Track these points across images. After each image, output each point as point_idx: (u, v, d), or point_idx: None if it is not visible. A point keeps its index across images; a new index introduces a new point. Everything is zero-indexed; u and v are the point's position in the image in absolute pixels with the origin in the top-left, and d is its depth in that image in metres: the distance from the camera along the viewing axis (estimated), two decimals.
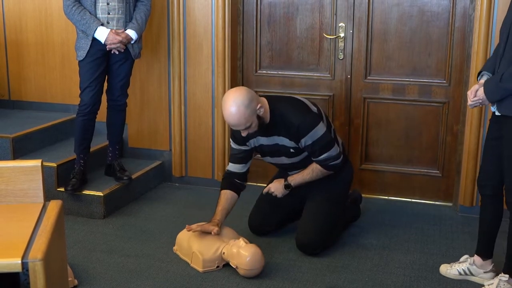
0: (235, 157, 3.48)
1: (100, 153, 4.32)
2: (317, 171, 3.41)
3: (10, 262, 1.59)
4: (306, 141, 3.27)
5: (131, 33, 3.80)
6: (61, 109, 4.71)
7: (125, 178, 4.05)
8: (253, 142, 3.41)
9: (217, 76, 4.31)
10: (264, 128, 3.27)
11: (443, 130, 4.17)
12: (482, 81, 2.94)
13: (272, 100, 3.34)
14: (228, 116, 3.13)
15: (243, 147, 3.44)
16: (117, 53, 3.81)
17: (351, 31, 4.19)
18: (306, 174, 3.43)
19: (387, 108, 4.25)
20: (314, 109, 3.37)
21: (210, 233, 3.25)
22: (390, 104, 4.24)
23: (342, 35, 4.20)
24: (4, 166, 1.96)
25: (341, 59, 4.25)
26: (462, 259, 3.21)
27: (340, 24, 4.20)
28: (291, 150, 3.37)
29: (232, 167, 3.50)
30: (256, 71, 4.46)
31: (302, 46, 4.33)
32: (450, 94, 4.11)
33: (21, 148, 4.12)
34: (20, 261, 1.58)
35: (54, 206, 1.94)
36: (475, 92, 2.90)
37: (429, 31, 4.07)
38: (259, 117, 3.17)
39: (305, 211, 3.55)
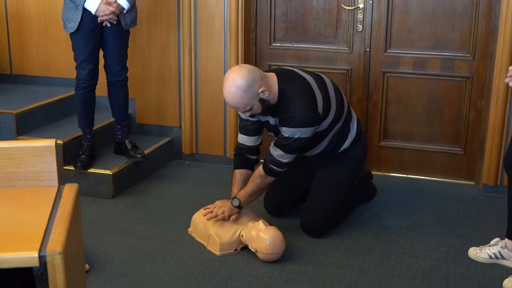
0: (246, 129, 3.23)
1: (105, 130, 4.16)
2: (257, 179, 3.13)
3: (25, 256, 1.41)
4: (285, 131, 3.01)
5: (123, 2, 3.55)
6: (65, 83, 4.49)
7: (138, 156, 3.86)
8: (261, 117, 3.18)
9: (230, 49, 4.11)
10: (270, 109, 3.04)
11: (466, 106, 3.99)
12: None
13: (284, 79, 3.05)
14: (226, 97, 2.93)
15: (252, 118, 3.19)
16: (109, 25, 3.58)
17: (370, 2, 3.98)
18: (249, 187, 3.15)
19: (408, 83, 4.06)
20: (321, 109, 3.05)
21: (228, 219, 3.10)
22: (410, 79, 4.05)
23: (361, 6, 4.00)
24: (14, 147, 1.77)
25: (360, 32, 4.05)
26: (492, 242, 3.06)
27: None
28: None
29: (243, 139, 3.25)
30: (270, 44, 4.26)
31: (319, 17, 4.12)
32: (474, 68, 3.92)
33: (24, 125, 3.94)
34: (37, 255, 1.41)
35: (70, 190, 1.76)
36: None
37: (453, 2, 3.86)
38: (262, 100, 2.93)
39: (312, 190, 3.37)
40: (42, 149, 1.78)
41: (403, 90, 4.08)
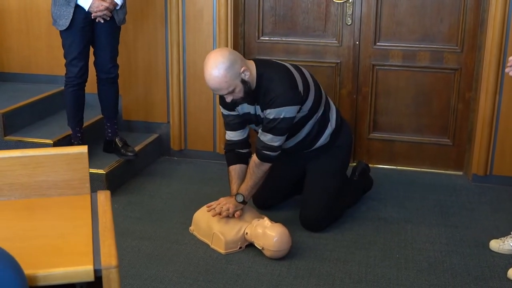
0: (230, 124, 3.22)
1: (93, 128, 4.08)
2: (253, 170, 3.10)
3: (80, 270, 1.37)
4: (270, 113, 2.98)
5: None
6: (48, 80, 4.40)
7: (130, 154, 3.79)
8: (240, 109, 3.16)
9: (219, 43, 4.06)
10: (251, 95, 3.02)
11: (455, 98, 4.04)
12: None
13: (261, 64, 3.07)
14: (209, 80, 2.89)
15: (233, 113, 3.18)
16: (102, 21, 3.50)
17: None
18: (248, 180, 3.13)
19: (397, 75, 4.09)
20: (301, 89, 3.05)
21: (233, 215, 3.08)
22: (400, 71, 4.08)
23: None
24: (44, 154, 1.72)
25: (349, 25, 4.05)
26: None
27: None
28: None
29: (230, 135, 3.24)
30: (258, 38, 4.22)
31: (308, 11, 4.11)
32: (462, 60, 3.97)
33: (12, 125, 3.82)
34: (92, 269, 1.37)
35: (105, 198, 1.73)
36: None
37: None
38: (244, 82, 2.92)
39: (306, 185, 3.37)
40: (73, 156, 1.74)
41: (392, 82, 4.11)
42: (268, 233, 2.96)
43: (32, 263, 1.37)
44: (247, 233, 3.05)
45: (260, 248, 2.98)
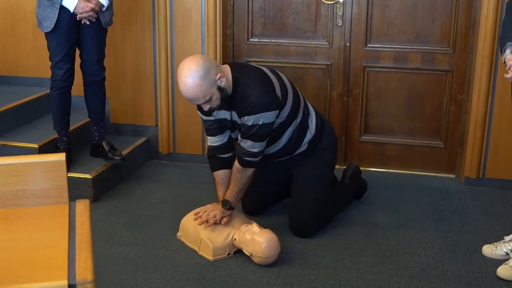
0: (210, 129, 3.13)
1: (80, 132, 4.01)
2: (237, 176, 3.04)
3: (54, 286, 1.31)
4: (248, 120, 2.90)
5: None
6: (35, 83, 4.33)
7: (117, 158, 3.72)
8: (216, 115, 3.07)
9: (208, 45, 4.00)
10: (228, 101, 2.92)
11: (447, 100, 4.00)
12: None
13: (237, 69, 2.97)
14: (184, 90, 2.78)
15: (211, 118, 3.09)
16: (88, 23, 3.44)
17: None
18: (233, 186, 3.06)
19: (388, 77, 4.04)
20: (279, 93, 2.97)
21: (220, 222, 3.02)
22: (391, 73, 4.03)
23: (340, 0, 3.95)
24: (21, 162, 1.65)
25: (340, 26, 4.00)
26: (507, 238, 3.01)
27: None
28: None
29: (211, 140, 3.17)
30: (247, 40, 4.17)
31: (298, 12, 4.05)
32: (454, 61, 3.93)
33: None
34: (66, 284, 1.31)
35: (83, 207, 1.66)
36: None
37: None
38: (220, 89, 2.81)
39: (293, 191, 3.30)
40: (51, 164, 1.68)
41: (384, 84, 4.06)
42: (257, 239, 2.90)
43: (4, 277, 1.31)
44: (235, 239, 2.99)
45: (248, 254, 2.92)
